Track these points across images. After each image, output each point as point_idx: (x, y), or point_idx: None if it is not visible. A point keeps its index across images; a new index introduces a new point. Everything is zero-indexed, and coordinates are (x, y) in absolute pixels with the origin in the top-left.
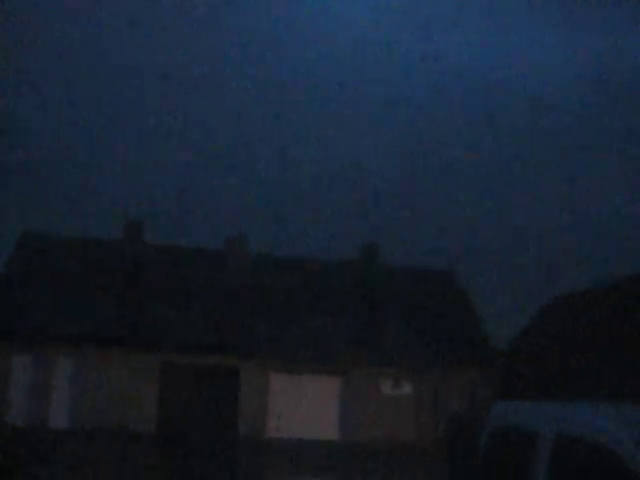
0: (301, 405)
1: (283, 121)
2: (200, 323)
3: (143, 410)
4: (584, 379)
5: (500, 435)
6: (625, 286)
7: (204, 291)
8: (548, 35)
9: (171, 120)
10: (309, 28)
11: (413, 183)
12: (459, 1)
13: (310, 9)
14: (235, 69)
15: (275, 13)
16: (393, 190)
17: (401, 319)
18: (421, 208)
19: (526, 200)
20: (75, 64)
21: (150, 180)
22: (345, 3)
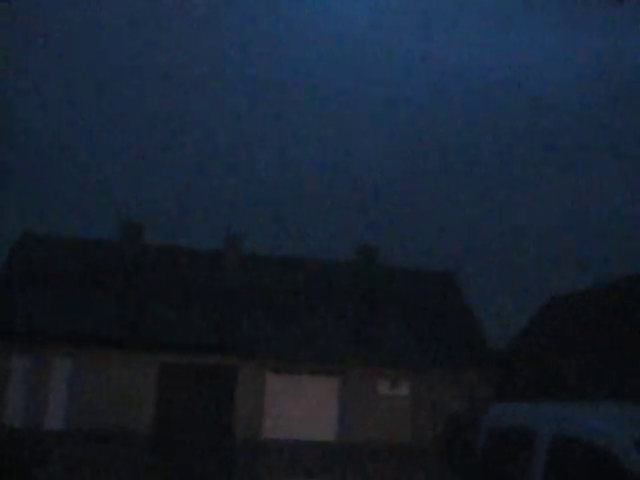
0: (298, 405)
1: (283, 121)
2: (199, 323)
3: (141, 411)
4: (583, 379)
5: (498, 436)
6: (625, 286)
7: (203, 291)
8: (548, 35)
9: (171, 120)
10: (309, 28)
11: (413, 183)
12: (459, 1)
13: (310, 9)
14: (235, 69)
15: (275, 13)
16: (393, 190)
17: (400, 320)
18: (421, 208)
19: (526, 200)
20: (75, 64)
21: (150, 180)
22: (345, 3)
